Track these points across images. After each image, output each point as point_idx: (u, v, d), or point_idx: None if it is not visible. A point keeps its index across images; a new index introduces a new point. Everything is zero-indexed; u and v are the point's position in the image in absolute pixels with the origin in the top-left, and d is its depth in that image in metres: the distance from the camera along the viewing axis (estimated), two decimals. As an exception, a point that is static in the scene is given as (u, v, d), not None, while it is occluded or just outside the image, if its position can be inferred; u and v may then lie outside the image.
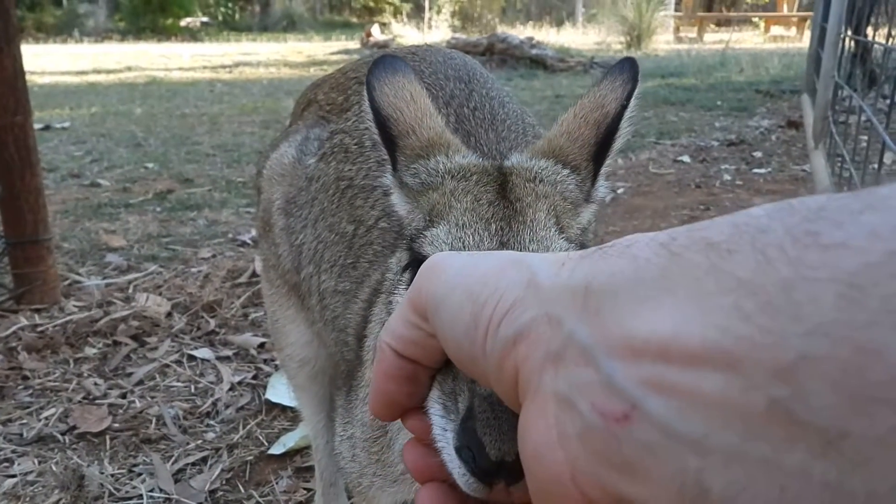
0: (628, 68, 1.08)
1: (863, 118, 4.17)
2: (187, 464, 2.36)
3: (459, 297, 0.59)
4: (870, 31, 5.61)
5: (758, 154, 6.44)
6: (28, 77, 3.34)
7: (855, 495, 0.36)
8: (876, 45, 5.07)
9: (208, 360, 2.94)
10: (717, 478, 0.41)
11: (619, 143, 1.07)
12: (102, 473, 2.29)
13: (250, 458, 2.38)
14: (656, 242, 0.49)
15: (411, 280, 0.93)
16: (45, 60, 16.33)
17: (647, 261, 0.48)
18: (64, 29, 27.89)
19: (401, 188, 1.07)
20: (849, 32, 5.41)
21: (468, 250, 0.91)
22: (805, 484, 0.38)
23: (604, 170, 1.07)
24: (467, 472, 0.73)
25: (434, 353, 0.64)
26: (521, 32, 18.51)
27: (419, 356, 0.67)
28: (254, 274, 3.63)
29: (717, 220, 0.47)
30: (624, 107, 1.05)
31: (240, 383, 2.79)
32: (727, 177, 5.70)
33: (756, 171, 5.88)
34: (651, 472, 0.44)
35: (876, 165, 3.82)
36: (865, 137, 4.41)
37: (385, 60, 1.14)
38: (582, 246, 0.95)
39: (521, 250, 0.90)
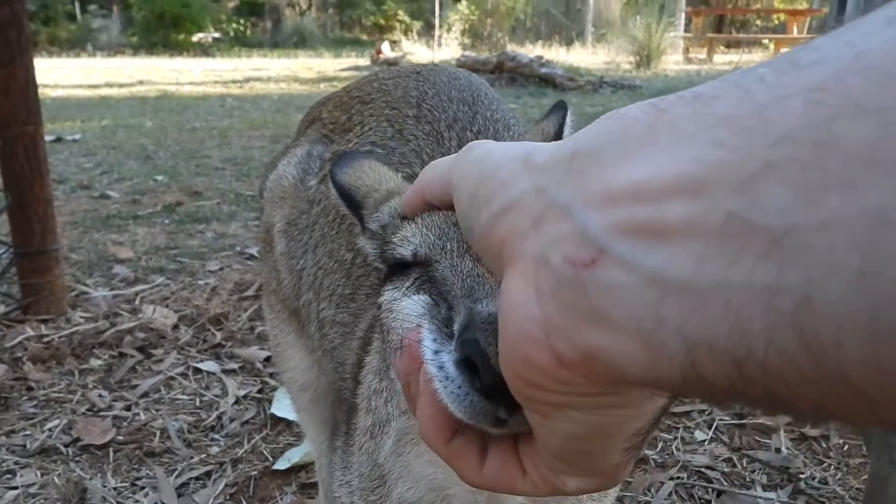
0: (558, 105, 1.19)
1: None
2: (191, 478, 2.34)
3: (473, 172, 0.64)
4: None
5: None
6: (41, 90, 3.36)
7: (792, 289, 0.38)
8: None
9: (214, 373, 2.92)
10: (672, 307, 0.43)
11: None
12: (105, 487, 2.27)
13: (254, 472, 2.36)
14: (646, 103, 0.50)
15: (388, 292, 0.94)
16: (58, 74, 16.46)
17: (633, 119, 0.50)
18: (77, 43, 28.14)
19: (371, 241, 1.07)
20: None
21: (438, 226, 0.92)
22: (747, 292, 0.40)
23: None
24: (470, 390, 0.69)
25: None
26: (530, 51, 18.56)
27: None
28: (261, 287, 3.60)
29: (710, 82, 0.49)
30: (561, 125, 1.14)
31: (245, 397, 2.77)
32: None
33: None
34: (612, 315, 0.46)
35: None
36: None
37: (346, 154, 1.20)
38: None
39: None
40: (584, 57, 21.91)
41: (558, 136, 1.12)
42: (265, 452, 2.46)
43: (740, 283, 0.40)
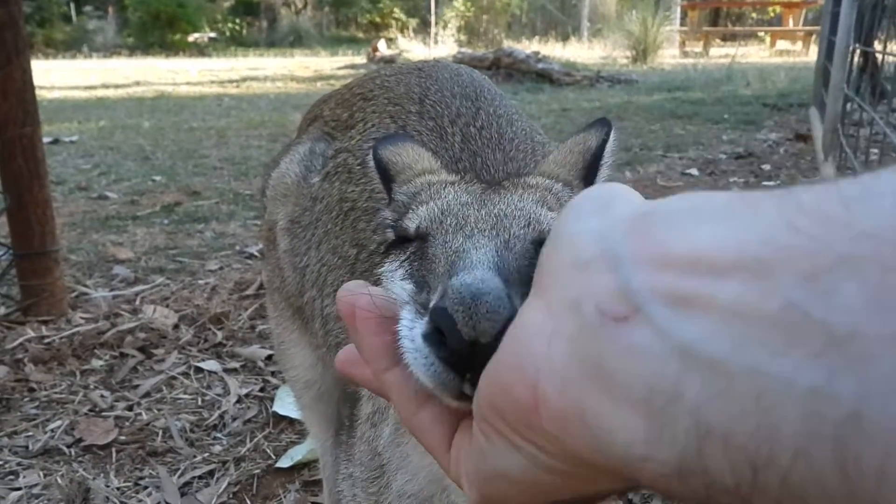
0: (602, 121, 1.16)
1: (872, 130, 4.15)
2: (194, 477, 2.34)
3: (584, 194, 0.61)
4: (877, 45, 5.60)
5: (766, 167, 6.42)
6: (37, 92, 3.35)
7: (842, 399, 0.35)
8: (886, 58, 5.05)
9: (215, 373, 2.92)
10: (694, 384, 0.40)
11: (605, 169, 1.12)
12: (108, 486, 2.27)
13: (258, 471, 2.36)
14: (738, 194, 0.48)
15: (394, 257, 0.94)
16: (54, 76, 16.43)
17: (716, 196, 0.48)
18: (73, 45, 28.09)
19: (393, 211, 1.07)
20: (857, 45, 5.39)
21: (444, 203, 0.93)
22: (785, 390, 0.37)
23: None
24: (435, 360, 0.67)
25: None
26: (526, 47, 18.56)
27: None
28: (261, 286, 3.61)
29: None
30: (604, 140, 1.12)
31: (247, 395, 2.77)
32: (736, 189, 5.67)
33: (765, 183, 5.86)
34: (623, 379, 0.44)
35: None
36: (875, 150, 4.39)
37: (391, 135, 1.22)
38: None
39: (503, 202, 0.92)
40: (581, 52, 21.90)
41: (599, 151, 1.10)
42: (268, 451, 2.46)
43: (781, 377, 0.37)
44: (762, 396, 0.37)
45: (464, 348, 0.65)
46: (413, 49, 21.76)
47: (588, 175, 1.09)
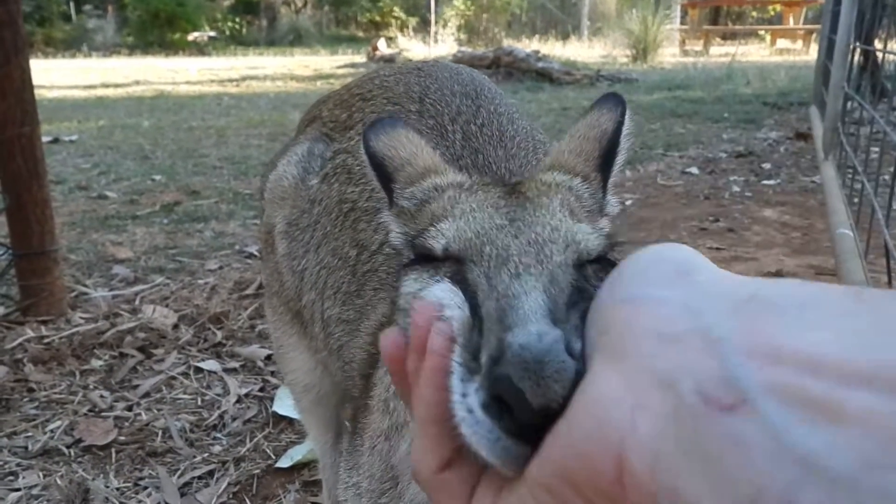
0: (613, 96, 1.07)
1: (873, 129, 4.14)
2: (193, 477, 2.33)
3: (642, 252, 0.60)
4: (877, 44, 5.59)
5: (767, 166, 6.42)
6: (37, 91, 3.34)
7: None
8: (887, 57, 5.05)
9: (215, 372, 2.92)
10: (811, 495, 0.38)
11: (621, 156, 1.05)
12: (108, 487, 2.26)
13: (257, 471, 2.35)
14: (843, 287, 0.47)
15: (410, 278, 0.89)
16: (53, 75, 16.42)
17: (828, 297, 0.46)
18: (73, 44, 28.07)
19: (398, 217, 1.00)
20: (858, 43, 5.39)
21: (477, 225, 0.85)
22: None
23: (611, 182, 1.04)
24: (500, 433, 0.62)
25: None
26: (526, 46, 18.54)
27: None
28: (261, 286, 3.61)
29: None
30: (620, 123, 1.03)
31: (247, 395, 2.77)
32: (736, 188, 5.67)
33: (765, 182, 5.85)
34: (727, 469, 0.42)
35: (887, 177, 3.79)
36: (875, 149, 4.38)
37: (382, 119, 1.12)
38: (606, 247, 0.90)
39: (538, 224, 0.85)
40: (581, 51, 21.88)
41: (616, 135, 1.03)
42: (268, 451, 2.45)
43: None
44: None
45: (533, 418, 0.60)
46: (413, 48, 21.75)
47: (605, 164, 1.03)
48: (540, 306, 0.71)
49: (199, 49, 28.23)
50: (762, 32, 25.92)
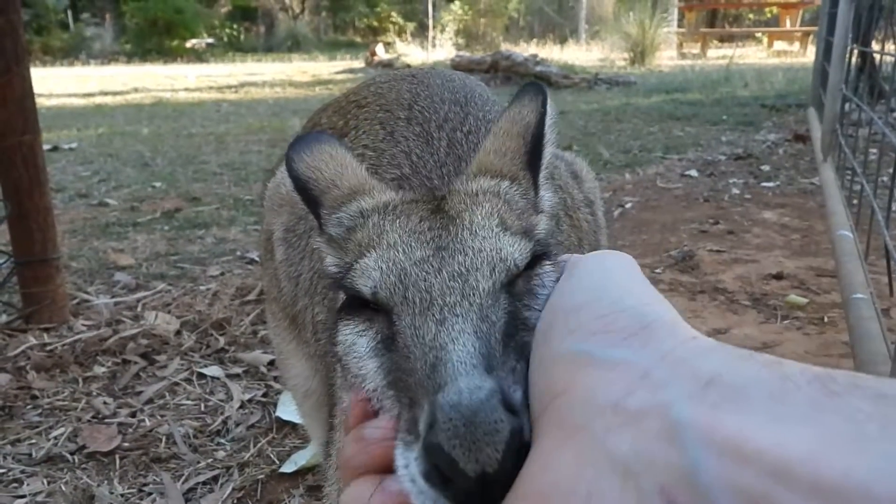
0: (533, 86, 1.05)
1: (871, 130, 4.15)
2: (198, 483, 2.33)
3: (592, 280, 0.59)
4: (874, 45, 5.61)
5: (765, 168, 6.43)
6: (36, 99, 3.35)
7: None
8: (884, 58, 5.06)
9: (218, 378, 2.92)
10: None
11: (548, 148, 1.02)
12: (112, 493, 2.26)
13: (261, 476, 2.36)
14: (811, 373, 0.44)
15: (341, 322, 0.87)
16: (52, 83, 16.44)
17: (797, 387, 0.43)
18: (71, 52, 28.14)
19: (328, 245, 0.97)
20: (855, 46, 5.40)
21: (399, 265, 0.83)
22: None
23: (542, 178, 1.01)
24: (444, 502, 0.62)
25: None
26: (524, 50, 18.57)
27: None
28: (262, 292, 3.61)
29: (892, 381, 0.42)
30: (542, 114, 1.00)
31: (250, 401, 2.77)
32: (735, 190, 5.68)
33: (764, 184, 5.86)
34: None
35: (885, 178, 3.80)
36: (874, 151, 4.39)
37: (306, 135, 1.09)
38: (540, 247, 0.88)
39: (461, 250, 0.82)
40: (579, 54, 21.92)
41: (539, 129, 0.99)
42: (272, 456, 2.46)
43: None
44: None
45: (472, 485, 0.59)
46: (411, 53, 21.79)
47: (532, 160, 0.99)
48: (469, 354, 0.69)
49: (198, 56, 28.29)
50: (759, 35, 25.96)
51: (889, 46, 4.48)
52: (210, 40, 31.58)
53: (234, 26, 34.25)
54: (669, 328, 0.51)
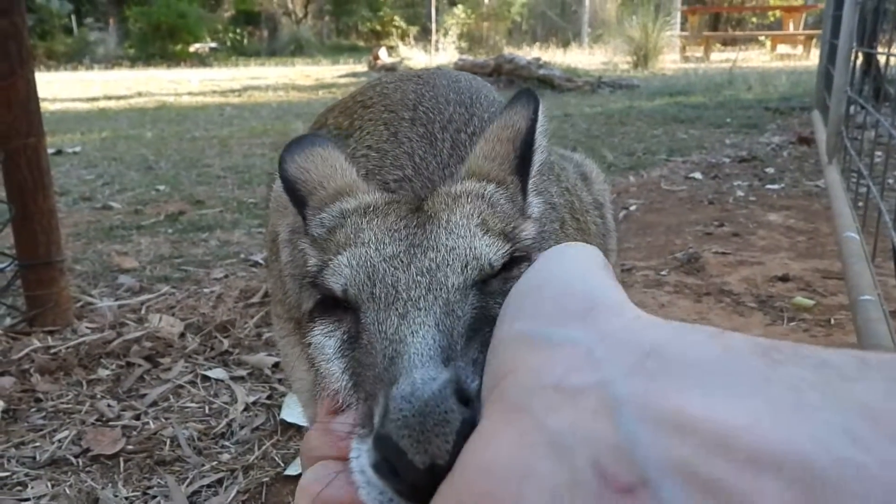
0: (526, 93, 1.05)
1: (877, 133, 4.14)
2: (202, 486, 2.32)
3: (545, 268, 0.58)
4: (879, 48, 5.60)
5: (770, 170, 6.42)
6: (40, 103, 3.35)
7: None
8: (889, 61, 5.05)
9: (222, 381, 2.92)
10: None
11: (538, 156, 1.02)
12: (117, 496, 2.25)
13: (266, 479, 2.35)
14: (755, 343, 0.43)
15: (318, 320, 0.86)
16: (56, 87, 16.49)
17: (739, 356, 0.42)
18: (75, 56, 28.23)
19: (312, 246, 0.96)
20: (859, 49, 5.39)
21: (370, 262, 0.82)
22: None
23: (531, 184, 1.01)
24: (392, 494, 0.60)
25: None
26: (527, 54, 18.59)
27: None
28: (266, 294, 3.61)
29: (837, 350, 0.41)
30: (534, 120, 1.00)
31: (254, 403, 2.76)
32: (740, 193, 5.67)
33: (769, 186, 5.85)
34: None
35: (892, 180, 3.79)
36: (879, 153, 4.38)
37: (301, 137, 1.10)
38: (521, 250, 0.87)
39: (433, 247, 0.82)
40: (582, 58, 21.95)
41: (529, 135, 1.00)
42: (276, 458, 2.45)
43: None
44: None
45: (420, 477, 0.57)
46: (414, 57, 21.80)
47: (522, 165, 0.99)
48: (428, 346, 0.69)
49: (201, 60, 28.36)
50: (762, 38, 25.97)
51: (894, 49, 4.47)
52: (213, 45, 31.65)
53: (238, 31, 34.34)
54: (616, 309, 0.50)
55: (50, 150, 3.39)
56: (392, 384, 0.64)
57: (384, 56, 20.49)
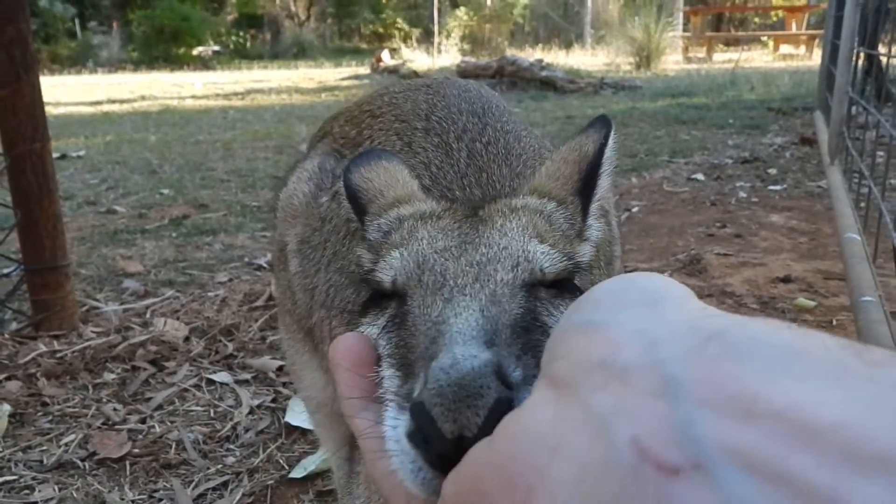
0: (601, 119, 1.05)
1: (878, 133, 4.15)
2: (208, 489, 2.34)
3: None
4: (881, 48, 5.60)
5: (772, 171, 6.42)
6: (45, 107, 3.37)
7: None
8: (891, 61, 5.06)
9: (227, 384, 2.93)
10: None
11: (603, 180, 1.02)
12: (123, 499, 2.27)
13: (271, 482, 2.36)
14: (843, 340, 0.38)
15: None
16: (60, 91, 16.52)
17: (823, 346, 0.37)
18: (78, 60, 28.31)
19: (368, 250, 0.98)
20: (861, 49, 5.40)
21: (421, 254, 0.84)
22: None
23: (593, 206, 1.02)
24: (422, 463, 0.60)
25: None
26: (530, 55, 18.61)
27: None
28: (270, 297, 3.63)
29: None
30: (603, 145, 1.01)
31: (259, 406, 2.78)
32: (742, 194, 5.67)
33: (771, 187, 5.85)
34: None
35: (893, 181, 3.80)
36: (881, 153, 4.39)
37: (366, 151, 1.13)
38: (576, 270, 0.87)
39: (486, 244, 0.84)
40: (584, 59, 21.96)
41: (597, 159, 1.00)
42: (281, 461, 2.46)
43: None
44: None
45: (449, 448, 0.57)
46: (416, 59, 21.83)
47: (585, 188, 1.00)
48: (471, 326, 0.69)
49: (204, 63, 28.40)
50: (765, 38, 25.95)
51: (895, 50, 4.47)
52: (216, 48, 31.69)
53: (241, 34, 34.40)
54: (680, 301, 0.47)
55: (54, 155, 3.41)
56: (433, 360, 0.65)
57: (386, 58, 20.51)
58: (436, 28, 26.29)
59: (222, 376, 2.98)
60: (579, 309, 0.51)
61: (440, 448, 0.58)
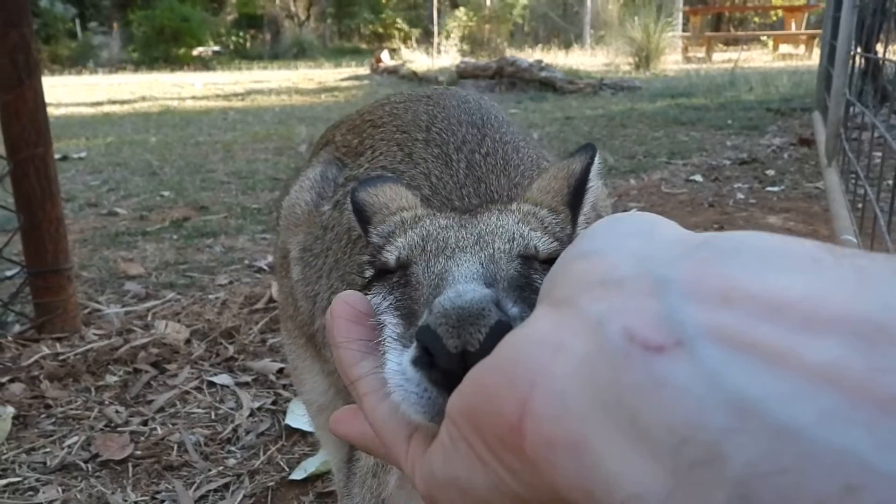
0: (586, 146, 1.13)
1: (875, 135, 4.17)
2: (209, 490, 2.37)
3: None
4: (879, 48, 5.63)
5: (770, 172, 6.44)
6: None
7: None
8: (888, 62, 5.09)
9: (228, 387, 2.96)
10: (749, 449, 0.33)
11: (590, 194, 1.09)
12: (126, 501, 2.30)
13: (272, 483, 2.39)
14: (820, 244, 0.42)
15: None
16: (60, 92, 16.54)
17: (799, 244, 0.41)
18: (78, 61, 28.34)
19: (371, 256, 1.03)
20: (858, 49, 5.42)
21: (425, 230, 0.92)
22: (891, 490, 0.30)
23: (581, 220, 1.08)
24: (427, 384, 0.63)
25: None
26: (529, 56, 18.63)
27: None
28: (271, 300, 3.66)
29: None
30: (589, 163, 1.08)
31: (259, 409, 2.81)
32: (740, 195, 5.70)
33: (769, 189, 5.87)
34: (646, 419, 0.37)
35: (890, 182, 3.82)
36: (878, 154, 4.41)
37: (374, 177, 1.22)
38: None
39: (484, 222, 0.91)
40: (584, 59, 21.96)
41: (584, 175, 1.07)
42: (281, 463, 2.49)
43: (889, 475, 0.30)
44: (856, 491, 0.30)
45: (453, 363, 0.60)
46: (416, 59, 21.83)
47: (574, 201, 1.07)
48: (472, 272, 0.76)
49: (204, 64, 28.42)
50: (764, 38, 25.96)
51: (893, 50, 4.50)
52: (216, 48, 31.72)
53: (240, 34, 34.42)
54: (670, 227, 0.51)
55: (56, 156, 3.43)
56: (438, 296, 0.69)
57: (386, 59, 20.54)
58: (435, 28, 26.30)
59: (223, 379, 3.00)
60: (577, 244, 0.54)
61: (445, 363, 0.61)
